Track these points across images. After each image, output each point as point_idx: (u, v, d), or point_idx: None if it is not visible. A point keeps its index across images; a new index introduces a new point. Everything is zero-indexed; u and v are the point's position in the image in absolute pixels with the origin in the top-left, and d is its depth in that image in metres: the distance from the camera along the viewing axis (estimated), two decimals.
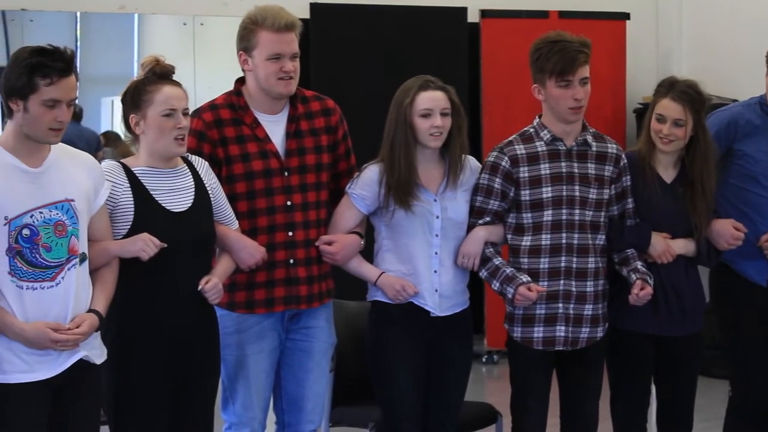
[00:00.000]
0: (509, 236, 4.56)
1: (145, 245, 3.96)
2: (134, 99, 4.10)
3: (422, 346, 4.49)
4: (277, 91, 4.39)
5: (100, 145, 8.96)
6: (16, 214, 3.71)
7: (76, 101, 3.85)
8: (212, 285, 4.10)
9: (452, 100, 4.43)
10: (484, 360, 8.58)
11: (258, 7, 4.40)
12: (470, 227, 4.53)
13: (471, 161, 4.58)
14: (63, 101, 3.73)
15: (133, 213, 4.05)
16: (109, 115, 9.57)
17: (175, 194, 4.13)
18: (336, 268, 4.57)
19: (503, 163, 4.51)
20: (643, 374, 4.74)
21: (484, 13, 8.67)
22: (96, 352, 3.88)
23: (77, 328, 3.77)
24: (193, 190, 4.16)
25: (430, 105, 4.40)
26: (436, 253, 4.48)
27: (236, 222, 4.31)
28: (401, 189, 4.41)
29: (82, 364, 3.82)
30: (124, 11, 8.60)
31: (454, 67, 8.12)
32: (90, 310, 3.85)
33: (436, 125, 4.39)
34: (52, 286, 3.76)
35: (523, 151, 4.52)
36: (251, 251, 4.28)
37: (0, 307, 3.72)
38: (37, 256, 3.73)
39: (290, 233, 4.42)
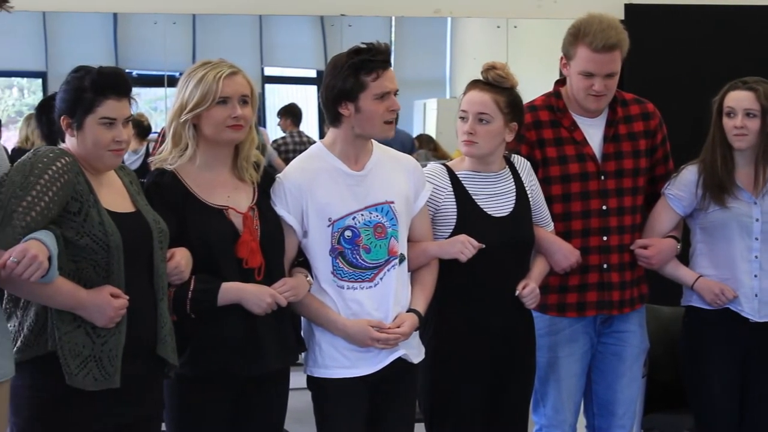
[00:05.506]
0: None
1: (464, 247, 3.99)
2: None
3: (739, 353, 4.38)
4: (585, 105, 4.37)
5: (414, 147, 9.15)
6: (339, 216, 3.82)
7: None
8: (530, 290, 4.10)
9: (761, 102, 4.31)
10: None
11: (590, 16, 4.31)
12: None
13: None
14: (391, 92, 3.82)
15: (455, 218, 4.09)
16: (421, 118, 9.75)
17: (497, 199, 4.15)
18: (650, 272, 4.52)
19: None
20: None
21: None
22: (414, 351, 3.95)
23: (398, 327, 3.85)
24: (515, 194, 4.18)
25: (733, 104, 4.33)
26: (756, 257, 4.36)
27: (552, 223, 4.31)
28: (719, 189, 4.33)
29: (400, 363, 3.89)
30: (438, 15, 8.74)
31: None
32: (410, 310, 3.92)
33: (735, 125, 4.31)
34: (370, 287, 3.85)
35: None
36: (566, 254, 4.27)
37: (324, 304, 3.84)
38: (358, 257, 3.83)
39: (605, 237, 4.38)
